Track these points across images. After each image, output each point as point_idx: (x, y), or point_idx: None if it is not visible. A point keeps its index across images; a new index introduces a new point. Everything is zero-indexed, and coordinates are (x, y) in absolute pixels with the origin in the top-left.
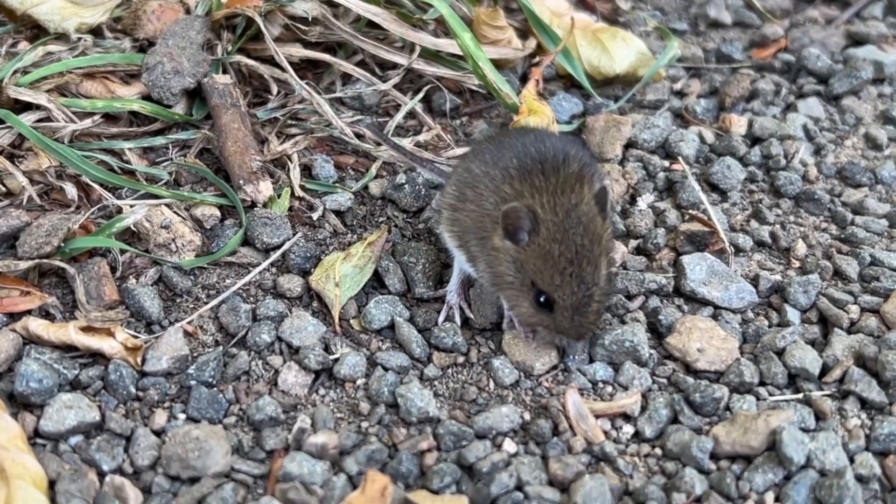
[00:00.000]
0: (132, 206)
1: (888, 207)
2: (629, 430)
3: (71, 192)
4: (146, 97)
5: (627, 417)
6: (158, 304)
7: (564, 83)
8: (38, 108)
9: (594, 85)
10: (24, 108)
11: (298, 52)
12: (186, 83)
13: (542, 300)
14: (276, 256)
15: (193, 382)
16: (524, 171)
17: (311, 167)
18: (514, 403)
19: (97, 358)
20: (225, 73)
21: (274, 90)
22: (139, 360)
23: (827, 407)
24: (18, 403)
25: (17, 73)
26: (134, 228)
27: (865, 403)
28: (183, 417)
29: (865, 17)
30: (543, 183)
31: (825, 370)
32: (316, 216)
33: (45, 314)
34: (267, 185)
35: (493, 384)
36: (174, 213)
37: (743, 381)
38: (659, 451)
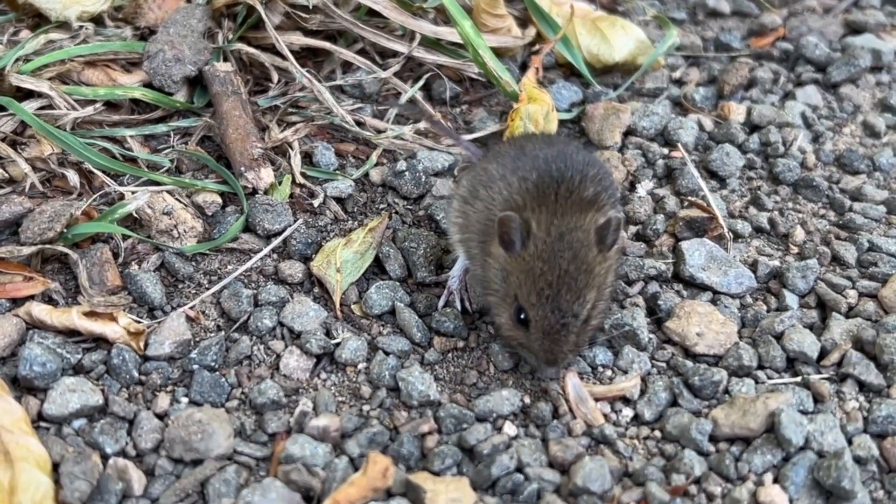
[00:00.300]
0: (134, 192)
1: (886, 194)
2: (628, 413)
3: (73, 178)
4: (147, 85)
5: (627, 401)
6: (160, 289)
7: (564, 71)
8: (39, 95)
9: (593, 73)
10: (26, 95)
11: (299, 40)
12: (187, 71)
13: (521, 316)
14: (277, 243)
15: (196, 366)
16: (539, 185)
17: (311, 154)
18: (514, 387)
19: (100, 342)
20: (226, 61)
21: (275, 78)
22: (142, 344)
23: (825, 390)
24: (22, 387)
25: (18, 61)
26: (136, 215)
27: (863, 386)
28: (185, 401)
29: (863, 5)
30: (552, 201)
31: (823, 354)
32: (317, 203)
33: (47, 300)
34: (268, 172)
35: (493, 368)
36: (176, 199)
37: (742, 364)
38: (658, 433)
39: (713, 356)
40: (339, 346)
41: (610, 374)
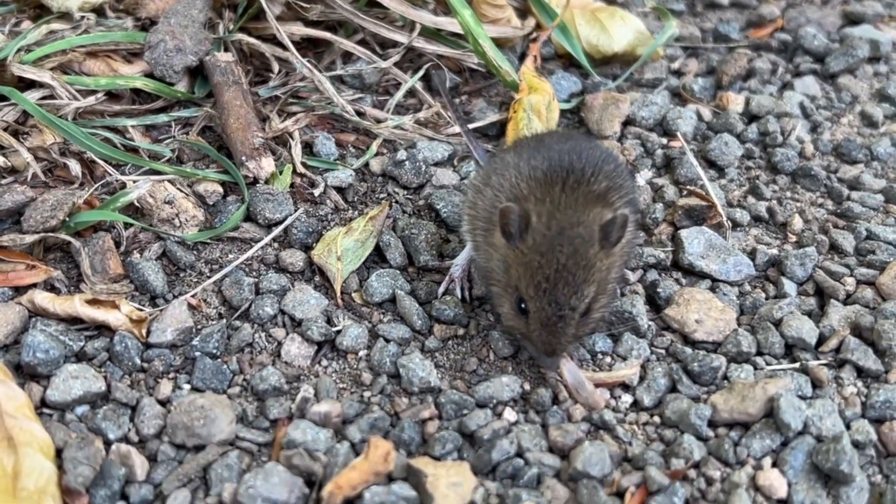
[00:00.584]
0: (135, 182)
1: (884, 183)
2: (628, 399)
3: (75, 168)
4: (149, 75)
5: (626, 387)
6: (162, 277)
7: (563, 62)
8: (41, 85)
9: (593, 64)
10: (28, 85)
11: (300, 30)
12: (188, 61)
13: (522, 306)
14: (277, 232)
15: (198, 354)
16: (548, 176)
17: (312, 144)
18: (514, 374)
19: (102, 330)
20: (227, 51)
21: (275, 68)
22: (144, 332)
23: (824, 375)
24: (25, 374)
25: (20, 51)
26: (137, 204)
27: (861, 372)
28: (188, 388)
29: None
30: (558, 193)
31: (822, 340)
32: (317, 192)
33: (50, 288)
34: (269, 161)
35: (493, 355)
36: (177, 189)
37: (740, 350)
38: (657, 419)
39: (712, 343)
40: (339, 333)
41: (609, 360)
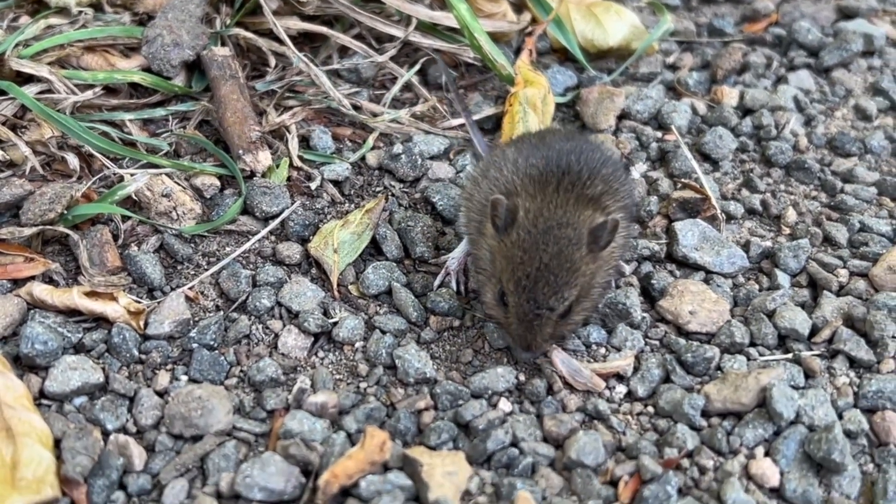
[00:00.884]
0: (133, 175)
1: (877, 176)
2: (622, 389)
3: (73, 162)
4: (146, 69)
5: (620, 378)
6: (160, 270)
7: (559, 56)
8: (39, 80)
9: (588, 58)
10: (26, 80)
11: (296, 24)
12: (186, 55)
13: (503, 298)
14: (274, 224)
15: (195, 345)
16: (544, 174)
17: (308, 138)
18: (509, 365)
19: (100, 322)
20: (224, 45)
21: (272, 63)
22: (142, 323)
23: (816, 365)
24: (24, 365)
25: (18, 45)
26: (135, 197)
27: (854, 362)
28: (185, 379)
29: None
30: (551, 192)
31: (815, 331)
32: (314, 186)
33: (48, 280)
34: (266, 154)
35: (488, 347)
36: (175, 182)
37: (734, 341)
38: (651, 409)
39: (706, 334)
40: (336, 325)
41: (604, 351)
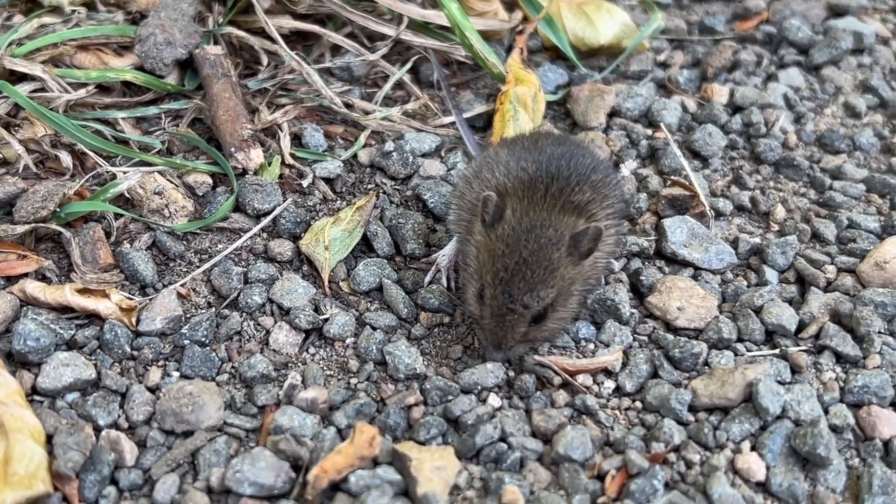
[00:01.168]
0: (126, 173)
1: (865, 172)
2: (610, 384)
3: (66, 160)
4: (139, 68)
5: (609, 373)
6: (152, 267)
7: (550, 55)
8: (33, 78)
9: (579, 56)
10: (19, 78)
11: (288, 23)
12: (178, 54)
13: (482, 293)
14: (266, 222)
15: (187, 342)
16: (534, 179)
17: (300, 136)
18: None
19: (93, 319)
20: (216, 44)
21: (264, 61)
22: (134, 320)
23: (803, 361)
24: (16, 362)
25: (12, 44)
26: (128, 195)
27: (840, 357)
28: (177, 375)
29: None
30: (539, 196)
31: (802, 327)
32: (306, 183)
33: (41, 277)
34: (258, 152)
35: (477, 343)
36: (167, 180)
37: (721, 337)
38: (639, 404)
39: (693, 330)
40: (327, 321)
41: (592, 347)
